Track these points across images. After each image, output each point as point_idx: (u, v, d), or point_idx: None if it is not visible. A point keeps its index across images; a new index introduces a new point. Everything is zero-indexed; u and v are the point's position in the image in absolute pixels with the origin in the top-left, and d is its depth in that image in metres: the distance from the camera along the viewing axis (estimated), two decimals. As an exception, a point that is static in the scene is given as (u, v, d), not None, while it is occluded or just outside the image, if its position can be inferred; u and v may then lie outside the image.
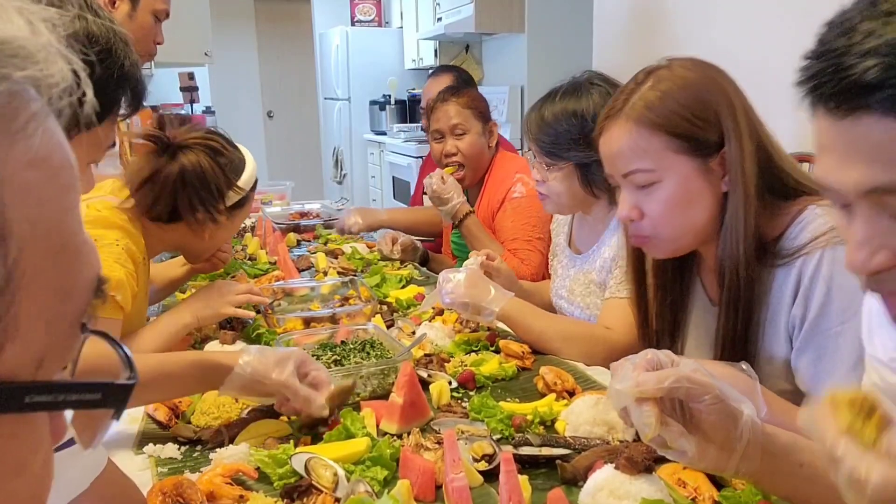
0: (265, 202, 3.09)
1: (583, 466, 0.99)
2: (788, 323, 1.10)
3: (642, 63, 1.14)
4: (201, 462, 1.05)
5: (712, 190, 1.11)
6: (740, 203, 1.08)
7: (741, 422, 0.76)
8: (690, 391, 0.76)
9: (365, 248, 2.41)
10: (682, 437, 0.75)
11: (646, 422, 0.75)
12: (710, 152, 1.09)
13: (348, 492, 0.93)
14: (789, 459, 0.79)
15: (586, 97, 1.56)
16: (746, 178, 1.08)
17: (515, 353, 1.44)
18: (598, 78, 1.62)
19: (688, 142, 1.08)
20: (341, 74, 6.12)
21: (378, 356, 1.34)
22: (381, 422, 1.15)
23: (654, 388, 0.75)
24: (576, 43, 3.94)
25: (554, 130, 1.56)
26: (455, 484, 0.90)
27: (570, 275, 1.72)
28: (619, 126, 1.11)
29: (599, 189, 1.59)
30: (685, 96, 1.08)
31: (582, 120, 1.54)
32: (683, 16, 2.79)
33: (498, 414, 1.15)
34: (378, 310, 1.70)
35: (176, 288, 1.78)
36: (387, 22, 6.51)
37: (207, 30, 4.34)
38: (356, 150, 6.27)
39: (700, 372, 0.76)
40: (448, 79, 2.85)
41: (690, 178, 1.10)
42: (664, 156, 1.09)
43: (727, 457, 0.77)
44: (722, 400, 0.76)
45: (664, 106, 1.08)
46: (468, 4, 4.57)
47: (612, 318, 1.49)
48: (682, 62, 1.12)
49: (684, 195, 1.10)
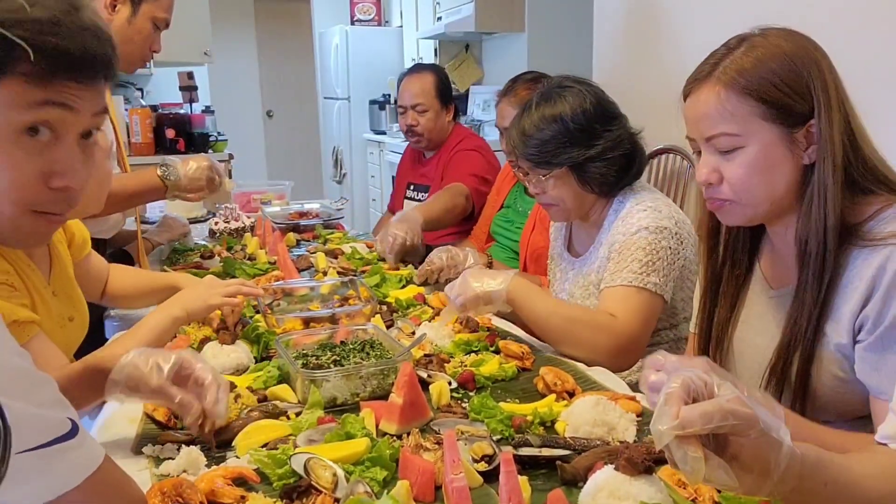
0: (265, 202, 3.08)
1: (583, 467, 0.99)
2: (857, 312, 1.07)
3: (642, 63, 1.15)
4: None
5: (794, 160, 1.11)
6: (829, 173, 1.08)
7: (782, 453, 0.73)
8: (736, 427, 0.72)
9: (365, 247, 2.41)
10: (722, 470, 0.71)
11: (692, 466, 0.70)
12: (797, 123, 1.09)
13: (348, 492, 0.93)
14: (815, 480, 0.78)
15: (560, 101, 1.59)
16: (835, 151, 1.07)
17: (515, 354, 1.44)
18: (568, 80, 1.64)
19: (777, 109, 1.08)
20: (341, 74, 6.11)
21: (378, 356, 1.34)
22: (380, 422, 1.15)
23: (700, 428, 0.70)
24: (576, 43, 3.94)
25: (538, 139, 1.58)
26: (455, 484, 0.90)
27: (569, 278, 1.73)
28: (707, 89, 1.11)
29: (597, 185, 1.59)
30: (779, 65, 1.08)
31: (562, 122, 1.57)
32: (683, 16, 2.79)
33: (498, 414, 1.15)
34: (378, 310, 1.69)
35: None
36: (386, 21, 6.51)
37: (207, 29, 4.35)
38: (356, 149, 6.27)
39: (740, 402, 0.72)
40: (430, 76, 2.95)
41: (774, 146, 1.10)
42: (751, 121, 1.09)
43: (762, 482, 0.74)
44: (766, 434, 0.73)
45: (756, 72, 1.08)
46: (468, 4, 4.56)
47: (615, 306, 1.49)
48: (778, 32, 1.13)
49: (766, 161, 1.10)
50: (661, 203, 1.59)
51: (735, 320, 1.28)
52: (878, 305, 1.04)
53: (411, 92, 2.89)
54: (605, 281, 1.54)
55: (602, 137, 1.58)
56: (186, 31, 3.78)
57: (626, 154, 1.61)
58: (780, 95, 1.08)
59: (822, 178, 1.08)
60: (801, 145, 1.10)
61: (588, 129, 1.57)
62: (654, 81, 2.86)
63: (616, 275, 1.51)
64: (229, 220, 2.70)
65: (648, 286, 1.49)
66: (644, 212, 1.56)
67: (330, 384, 1.24)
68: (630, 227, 1.55)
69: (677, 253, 1.53)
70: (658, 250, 1.51)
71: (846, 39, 1.85)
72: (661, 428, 0.71)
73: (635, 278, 1.49)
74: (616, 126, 1.60)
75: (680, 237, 1.54)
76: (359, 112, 6.12)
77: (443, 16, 5.02)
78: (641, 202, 1.59)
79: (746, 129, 1.09)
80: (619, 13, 3.12)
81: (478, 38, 5.35)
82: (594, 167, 1.58)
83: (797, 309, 1.13)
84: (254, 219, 2.76)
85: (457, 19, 4.73)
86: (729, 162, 1.12)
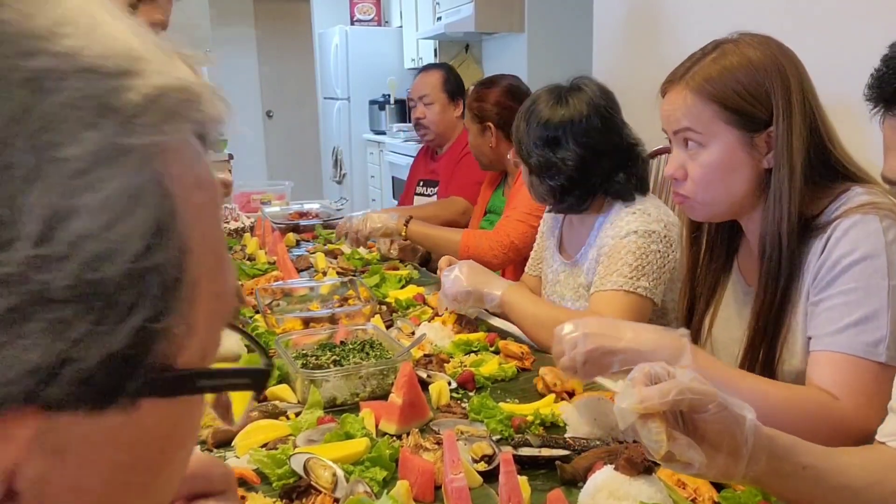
0: (264, 202, 3.08)
1: (582, 467, 0.99)
2: (809, 284, 1.13)
3: (642, 63, 1.16)
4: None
5: (753, 164, 1.16)
6: (785, 180, 1.13)
7: (746, 427, 0.76)
8: (694, 402, 0.75)
9: (364, 248, 2.41)
10: (691, 449, 0.74)
11: (654, 439, 0.74)
12: (758, 128, 1.14)
13: (347, 492, 0.93)
14: (791, 461, 0.79)
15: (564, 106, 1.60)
16: (793, 157, 1.12)
17: (515, 354, 1.44)
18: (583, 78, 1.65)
19: (737, 115, 1.14)
20: (341, 74, 6.11)
21: (377, 356, 1.34)
22: (380, 422, 1.15)
23: (658, 403, 0.74)
24: (576, 43, 3.93)
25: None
26: (454, 485, 0.90)
27: (560, 280, 1.73)
28: (677, 91, 1.19)
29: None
30: (743, 73, 1.13)
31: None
32: (683, 16, 2.79)
33: (497, 415, 1.15)
34: (377, 310, 1.69)
35: None
36: (386, 21, 6.51)
37: (207, 29, 4.35)
38: (355, 149, 6.27)
39: (698, 381, 0.76)
40: (438, 72, 2.99)
41: (734, 149, 1.15)
42: (713, 123, 1.15)
43: (734, 462, 0.76)
44: (725, 407, 0.76)
45: (721, 80, 1.14)
46: (468, 4, 4.56)
47: (604, 310, 1.49)
48: (750, 39, 1.17)
49: (725, 163, 1.16)
50: (649, 205, 1.59)
51: (714, 315, 1.32)
52: (821, 265, 1.10)
53: (419, 85, 2.95)
54: (595, 285, 1.54)
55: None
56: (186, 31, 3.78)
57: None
58: (742, 102, 1.13)
59: (778, 183, 1.13)
60: (760, 150, 1.15)
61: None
62: (654, 82, 2.85)
63: (606, 279, 1.51)
64: (229, 220, 2.70)
65: (638, 290, 1.49)
66: (633, 215, 1.56)
67: (329, 384, 1.24)
68: (619, 231, 1.55)
69: (666, 256, 1.53)
70: (647, 254, 1.51)
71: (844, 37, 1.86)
72: (623, 405, 0.76)
73: (625, 282, 1.49)
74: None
75: (669, 240, 1.54)
76: (359, 112, 6.12)
77: (442, 16, 5.01)
78: (630, 205, 1.59)
79: (708, 130, 1.15)
80: (619, 14, 3.12)
81: (477, 39, 5.35)
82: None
83: (758, 307, 1.18)
84: (253, 219, 2.76)
85: (456, 19, 4.72)
86: (692, 160, 1.18)
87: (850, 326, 1.06)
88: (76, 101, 0.28)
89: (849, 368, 1.05)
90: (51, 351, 0.28)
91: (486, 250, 2.11)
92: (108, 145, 0.28)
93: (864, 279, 1.07)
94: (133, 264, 0.29)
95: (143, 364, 0.31)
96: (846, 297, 1.08)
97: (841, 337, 1.07)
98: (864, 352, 1.04)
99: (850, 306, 1.07)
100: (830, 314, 1.09)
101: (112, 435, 0.31)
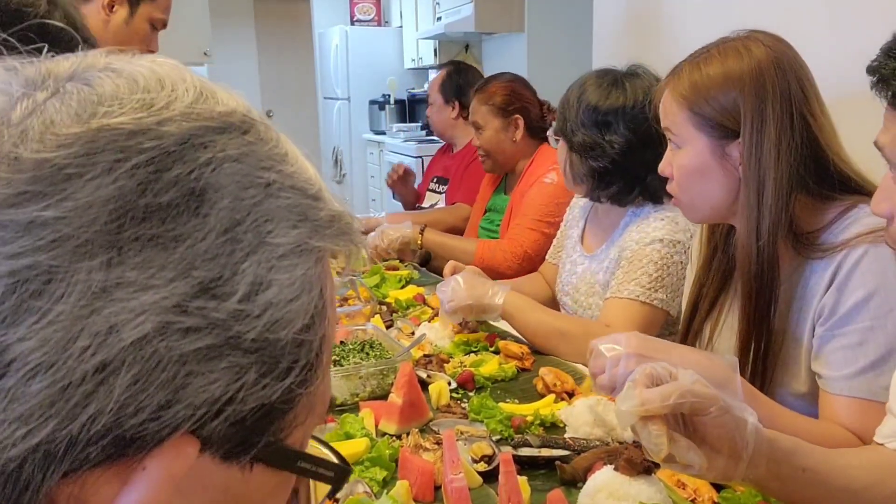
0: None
1: (582, 468, 0.99)
2: (816, 310, 1.10)
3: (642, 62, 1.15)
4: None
5: (728, 172, 1.15)
6: (752, 194, 1.11)
7: (747, 431, 0.75)
8: (695, 405, 0.75)
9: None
10: (691, 452, 0.74)
11: (655, 441, 0.74)
12: (729, 138, 1.13)
13: (347, 492, 0.93)
14: (791, 464, 0.79)
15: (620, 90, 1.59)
16: (761, 171, 1.10)
17: (515, 354, 1.44)
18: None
19: (706, 123, 1.13)
20: (341, 74, 6.11)
21: (377, 357, 1.34)
22: (380, 422, 1.15)
23: (659, 406, 0.74)
24: (576, 43, 3.93)
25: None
26: (454, 485, 0.90)
27: (577, 272, 1.72)
28: (663, 90, 1.21)
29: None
30: (719, 84, 1.12)
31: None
32: (683, 16, 2.79)
33: (497, 415, 1.15)
34: (377, 310, 1.69)
35: None
36: (386, 21, 6.50)
37: (207, 29, 4.34)
38: (355, 149, 6.27)
39: (700, 383, 0.76)
40: (441, 72, 3.00)
41: (704, 155, 1.15)
42: (685, 127, 1.16)
43: (734, 465, 0.76)
44: (727, 411, 0.75)
45: (697, 87, 1.14)
46: (468, 4, 4.56)
47: (612, 317, 1.48)
48: (735, 45, 1.14)
49: (697, 168, 1.16)
50: (679, 214, 1.54)
51: (717, 319, 1.30)
52: (832, 298, 1.08)
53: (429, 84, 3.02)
54: (612, 290, 1.53)
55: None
56: (186, 31, 3.77)
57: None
58: (710, 111, 1.13)
59: (745, 197, 1.12)
60: (733, 160, 1.14)
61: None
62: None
63: (623, 286, 1.50)
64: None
65: (654, 302, 1.48)
66: (661, 221, 1.54)
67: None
68: (644, 237, 1.53)
69: (688, 268, 1.51)
70: (669, 265, 1.49)
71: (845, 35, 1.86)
72: (623, 408, 0.75)
73: (642, 293, 1.48)
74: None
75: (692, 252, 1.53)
76: (359, 112, 6.12)
77: (442, 16, 5.01)
78: (660, 210, 1.57)
79: (681, 133, 1.16)
80: (619, 14, 3.12)
81: (477, 39, 5.34)
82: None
83: (743, 312, 1.16)
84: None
85: (456, 19, 4.72)
86: (675, 160, 1.20)
87: (868, 370, 1.04)
88: (289, 206, 0.36)
89: (873, 415, 1.01)
90: (227, 389, 0.33)
91: (500, 261, 2.12)
92: (303, 243, 0.36)
93: (881, 316, 1.04)
94: (297, 335, 0.35)
95: (273, 428, 0.36)
96: (861, 335, 1.05)
97: (859, 381, 1.04)
98: (884, 396, 1.00)
99: (865, 347, 1.04)
100: (846, 354, 1.06)
101: (225, 486, 0.35)
